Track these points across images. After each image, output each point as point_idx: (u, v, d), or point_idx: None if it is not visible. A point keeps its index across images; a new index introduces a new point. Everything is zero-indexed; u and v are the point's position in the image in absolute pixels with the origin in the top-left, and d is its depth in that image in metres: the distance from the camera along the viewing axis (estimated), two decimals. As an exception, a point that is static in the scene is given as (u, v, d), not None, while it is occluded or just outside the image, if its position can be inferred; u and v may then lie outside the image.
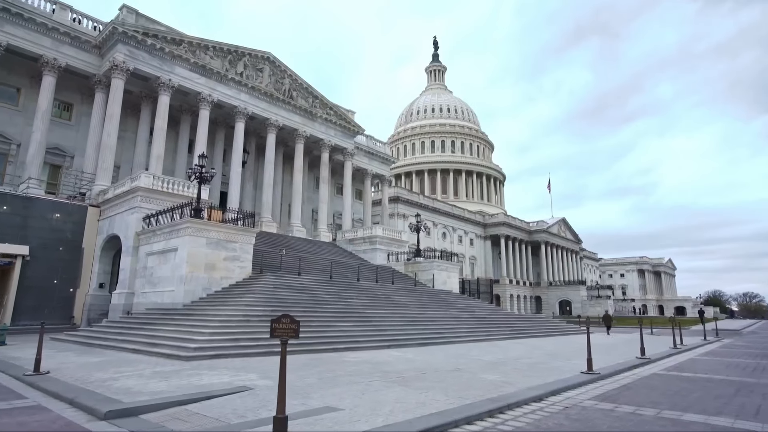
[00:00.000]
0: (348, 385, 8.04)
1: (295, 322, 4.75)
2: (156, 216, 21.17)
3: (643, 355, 13.84)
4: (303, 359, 11.55)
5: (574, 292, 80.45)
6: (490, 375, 9.70)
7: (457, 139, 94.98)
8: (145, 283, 20.70)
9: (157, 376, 8.39)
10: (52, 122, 28.11)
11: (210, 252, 19.21)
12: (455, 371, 10.20)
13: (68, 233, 23.98)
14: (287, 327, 4.68)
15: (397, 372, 9.83)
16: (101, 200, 25.02)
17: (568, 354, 14.94)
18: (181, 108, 33.35)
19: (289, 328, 4.68)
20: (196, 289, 18.50)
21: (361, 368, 10.28)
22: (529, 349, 16.40)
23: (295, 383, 8.03)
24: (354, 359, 11.97)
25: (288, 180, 40.20)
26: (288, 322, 4.69)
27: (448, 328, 20.30)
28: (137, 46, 28.41)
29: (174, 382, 7.88)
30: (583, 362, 12.51)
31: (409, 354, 13.56)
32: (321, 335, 14.67)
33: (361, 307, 20.05)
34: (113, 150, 27.08)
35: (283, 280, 20.35)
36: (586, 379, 9.51)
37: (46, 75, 26.50)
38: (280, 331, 4.66)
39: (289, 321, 4.69)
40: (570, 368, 11.14)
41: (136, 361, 10.42)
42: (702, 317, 42.26)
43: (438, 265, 32.46)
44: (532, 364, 11.97)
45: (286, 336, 4.61)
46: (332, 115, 40.77)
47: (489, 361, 12.24)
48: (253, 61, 35.43)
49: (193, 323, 13.34)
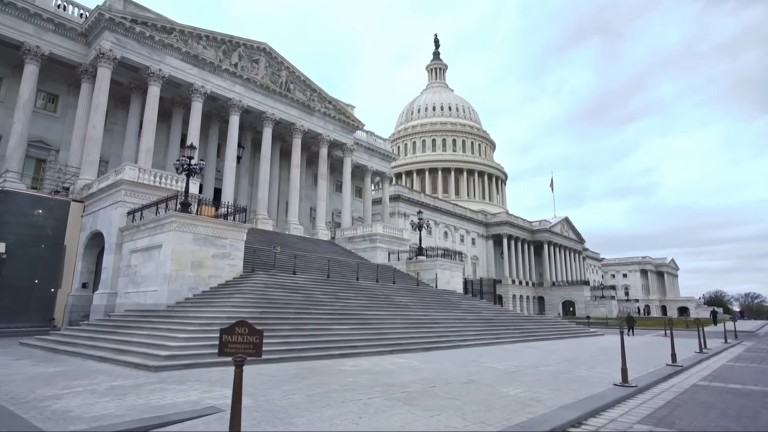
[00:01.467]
0: (342, 405, 6.60)
1: (256, 332, 3.32)
2: (141, 210, 19.73)
3: (674, 362, 12.41)
4: (292, 368, 10.11)
5: (577, 293, 78.98)
6: (511, 388, 8.26)
7: (459, 137, 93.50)
8: (129, 282, 19.26)
9: (111, 393, 6.96)
10: (36, 114, 26.75)
11: (197, 249, 17.77)
12: (469, 383, 8.76)
13: (49, 230, 22.54)
14: (244, 341, 3.24)
15: (402, 385, 8.39)
16: (85, 195, 23.59)
17: (588, 360, 13.51)
18: (173, 101, 31.92)
19: (247, 342, 3.23)
20: (181, 288, 17.05)
21: (359, 380, 8.84)
22: (544, 354, 14.95)
23: (278, 402, 6.60)
24: (351, 368, 10.53)
25: (285, 176, 38.72)
26: (245, 333, 3.24)
27: (453, 331, 18.85)
28: (125, 34, 27.00)
29: (129, 401, 6.45)
30: (609, 370, 11.12)
31: (414, 361, 12.11)
32: (315, 340, 13.23)
33: (360, 309, 18.60)
34: (99, 142, 25.64)
35: (276, 279, 18.91)
36: (623, 393, 8.07)
37: (28, 63, 25.07)
38: (234, 347, 3.23)
39: (248, 331, 3.25)
40: (599, 379, 9.70)
41: (98, 372, 8.98)
42: (715, 318, 40.86)
43: (441, 264, 31.01)
44: (554, 373, 10.52)
45: (243, 354, 3.18)
46: (331, 109, 39.31)
47: (504, 370, 10.80)
48: (248, 52, 34.00)
49: (170, 327, 11.90)
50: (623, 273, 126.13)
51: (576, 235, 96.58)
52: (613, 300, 79.37)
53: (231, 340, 3.21)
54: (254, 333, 3.26)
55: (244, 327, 3.24)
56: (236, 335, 3.22)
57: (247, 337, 3.22)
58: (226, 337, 3.18)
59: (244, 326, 3.25)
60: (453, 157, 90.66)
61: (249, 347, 3.20)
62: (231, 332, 3.22)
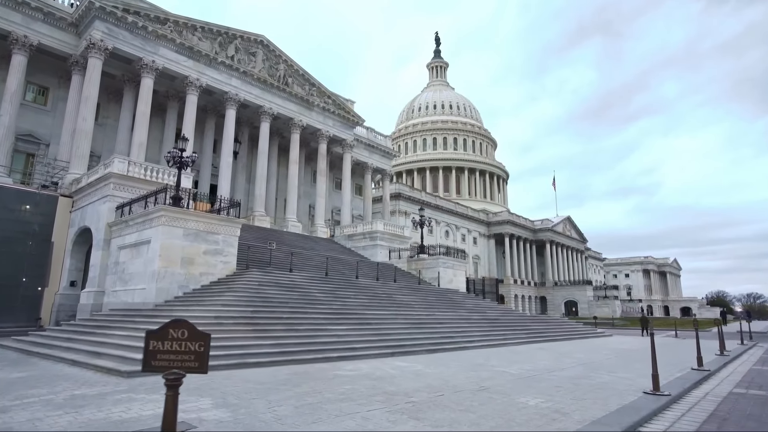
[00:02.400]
0: (336, 420, 5.63)
1: (200, 336, 2.31)
2: (129, 205, 18.78)
3: (700, 366, 11.44)
4: (284, 373, 9.13)
5: (580, 293, 77.94)
6: (530, 397, 7.28)
7: (460, 136, 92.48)
8: (117, 280, 18.31)
9: (69, 405, 6.00)
10: (26, 107, 25.85)
11: (188, 245, 16.81)
12: (481, 391, 7.79)
13: (36, 226, 21.58)
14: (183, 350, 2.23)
15: (405, 393, 7.42)
16: (74, 190, 22.65)
17: (605, 363, 12.53)
18: (168, 94, 30.98)
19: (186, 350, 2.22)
20: (170, 286, 16.10)
21: (358, 387, 7.88)
22: (557, 357, 13.98)
23: (261, 415, 5.65)
24: (349, 373, 9.56)
25: (283, 173, 37.72)
26: (184, 338, 2.23)
27: (458, 332, 17.88)
28: (117, 24, 26.06)
29: (86, 415, 5.49)
30: (632, 375, 10.18)
31: (418, 364, 11.14)
32: (311, 341, 12.26)
33: (360, 308, 17.63)
34: (89, 135, 24.69)
35: (271, 276, 17.94)
36: (657, 404, 7.10)
37: (15, 54, 24.13)
38: (167, 358, 2.23)
39: (188, 335, 2.22)
40: (624, 385, 8.74)
41: (63, 378, 8.02)
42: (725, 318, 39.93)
43: (444, 262, 30.04)
44: (573, 378, 9.55)
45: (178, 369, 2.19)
46: (330, 104, 38.34)
47: (518, 375, 9.82)
48: (245, 44, 33.05)
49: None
50: (625, 273, 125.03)
51: (578, 234, 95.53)
52: (616, 300, 78.31)
53: (162, 348, 2.23)
54: (197, 338, 2.24)
55: (183, 329, 2.23)
56: (170, 341, 2.22)
57: (186, 344, 2.21)
58: (154, 344, 2.19)
59: (183, 327, 2.24)
60: (454, 155, 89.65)
61: (189, 359, 2.18)
62: (162, 336, 2.23)
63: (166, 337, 2.26)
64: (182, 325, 2.27)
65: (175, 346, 2.25)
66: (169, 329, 2.26)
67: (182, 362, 2.24)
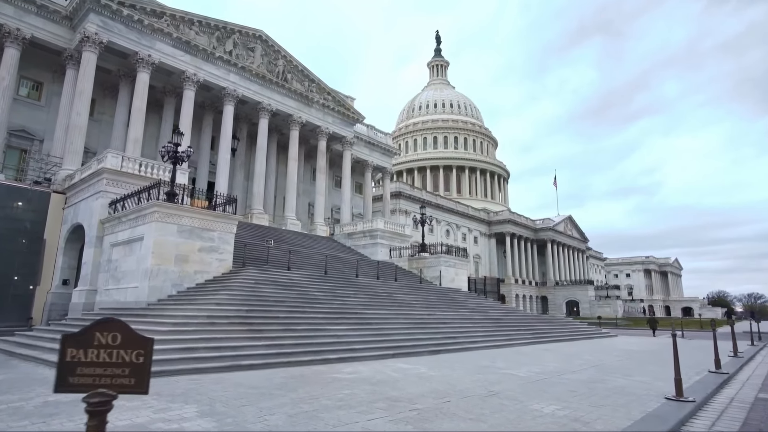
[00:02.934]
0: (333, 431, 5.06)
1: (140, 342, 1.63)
2: (123, 201, 18.21)
3: (718, 368, 10.88)
4: (279, 376, 8.57)
5: (581, 292, 77.33)
6: (544, 404, 6.72)
7: (460, 134, 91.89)
8: (109, 278, 17.75)
9: (38, 413, 5.44)
10: (19, 102, 25.32)
11: (182, 242, 16.25)
12: (491, 396, 7.22)
13: (27, 223, 21.04)
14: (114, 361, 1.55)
15: (409, 399, 6.86)
16: (67, 186, 22.09)
17: (617, 366, 11.97)
18: (165, 90, 30.43)
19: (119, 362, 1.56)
20: (164, 285, 15.53)
21: (358, 392, 7.31)
22: (565, 358, 13.41)
23: (249, 426, 5.08)
24: (349, 375, 9.00)
25: (282, 171, 37.15)
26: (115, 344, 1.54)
27: (461, 332, 17.31)
28: (112, 17, 25.49)
29: (54, 425, 4.93)
30: (648, 378, 9.61)
31: (421, 367, 10.57)
32: (308, 342, 11.69)
33: (360, 307, 17.07)
34: (83, 130, 24.13)
35: (268, 274, 17.37)
36: (683, 411, 6.54)
37: (8, 47, 23.58)
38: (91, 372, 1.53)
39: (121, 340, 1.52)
40: (642, 390, 8.17)
41: (40, 383, 7.46)
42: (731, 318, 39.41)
43: (445, 261, 29.48)
44: (586, 382, 8.98)
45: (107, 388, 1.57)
46: (330, 101, 37.76)
47: (527, 378, 9.26)
48: (243, 39, 32.47)
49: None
50: (626, 273, 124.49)
51: (579, 234, 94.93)
52: (617, 300, 77.72)
53: (84, 358, 1.59)
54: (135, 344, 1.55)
55: (115, 332, 1.57)
56: (96, 348, 1.57)
57: (119, 353, 1.53)
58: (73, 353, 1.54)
59: (115, 330, 1.56)
60: (454, 154, 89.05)
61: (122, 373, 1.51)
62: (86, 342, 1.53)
63: (90, 344, 1.59)
64: (114, 326, 1.64)
65: (103, 355, 1.59)
66: (95, 332, 1.62)
67: (112, 378, 1.61)
